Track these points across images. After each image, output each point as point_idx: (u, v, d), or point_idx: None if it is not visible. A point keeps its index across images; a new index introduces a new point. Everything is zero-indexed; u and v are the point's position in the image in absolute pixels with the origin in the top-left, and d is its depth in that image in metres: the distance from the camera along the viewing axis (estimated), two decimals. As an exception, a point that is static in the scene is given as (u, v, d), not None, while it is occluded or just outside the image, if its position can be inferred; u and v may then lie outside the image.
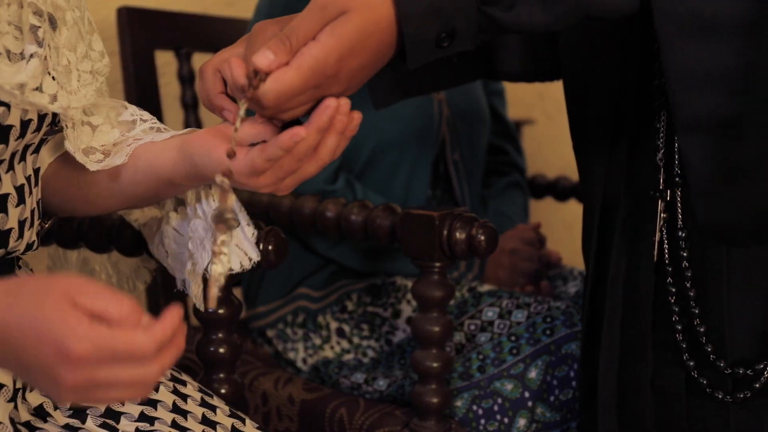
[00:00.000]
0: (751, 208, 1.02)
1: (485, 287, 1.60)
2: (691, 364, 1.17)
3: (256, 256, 1.12)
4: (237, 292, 1.46)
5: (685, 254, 1.17)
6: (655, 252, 1.19)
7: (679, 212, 1.16)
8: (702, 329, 1.16)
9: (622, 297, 1.22)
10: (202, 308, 1.15)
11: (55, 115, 1.01)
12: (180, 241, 1.14)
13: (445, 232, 1.29)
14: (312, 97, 0.94)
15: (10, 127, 0.94)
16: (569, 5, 0.97)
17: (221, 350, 1.25)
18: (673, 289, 1.18)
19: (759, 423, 1.14)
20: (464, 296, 1.59)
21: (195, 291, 1.14)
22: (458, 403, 1.44)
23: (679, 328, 1.17)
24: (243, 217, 1.10)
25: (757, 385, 1.13)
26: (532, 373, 1.44)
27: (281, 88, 0.91)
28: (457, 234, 1.29)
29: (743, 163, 1.00)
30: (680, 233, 1.17)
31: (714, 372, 1.16)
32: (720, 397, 1.16)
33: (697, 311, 1.16)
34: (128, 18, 1.72)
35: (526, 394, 1.43)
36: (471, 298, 1.57)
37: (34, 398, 1.02)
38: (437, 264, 1.31)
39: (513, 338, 1.48)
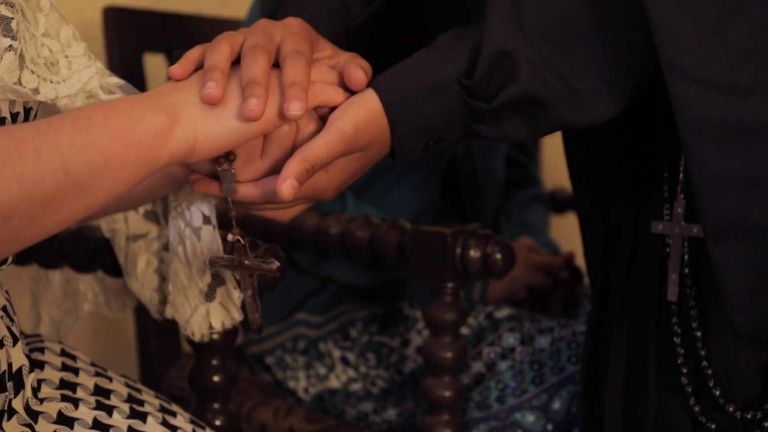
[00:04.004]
0: None
1: (503, 312, 1.61)
2: (697, 409, 1.20)
3: (238, 317, 1.19)
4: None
5: (691, 292, 1.20)
6: (662, 290, 1.23)
7: (686, 248, 1.20)
8: (710, 372, 1.19)
9: (626, 336, 1.25)
10: (194, 337, 1.19)
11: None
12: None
13: (459, 251, 1.32)
14: (301, 206, 1.10)
15: (3, 119, 0.97)
16: (551, 118, 1.08)
17: (216, 378, 1.27)
18: (679, 329, 1.22)
19: None
20: (481, 323, 1.60)
21: (182, 317, 1.18)
22: (474, 436, 1.46)
23: (685, 371, 1.21)
24: (230, 277, 1.17)
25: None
26: (556, 405, 1.46)
27: (271, 198, 1.04)
28: (471, 252, 1.31)
29: None
30: (686, 270, 1.20)
31: (723, 416, 1.19)
32: None
33: (704, 353, 1.20)
34: (115, 18, 1.70)
35: (549, 427, 1.45)
36: (488, 324, 1.59)
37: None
38: (450, 284, 1.34)
39: (536, 366, 1.50)
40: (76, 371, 1.13)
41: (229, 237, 1.07)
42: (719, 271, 1.03)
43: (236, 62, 1.03)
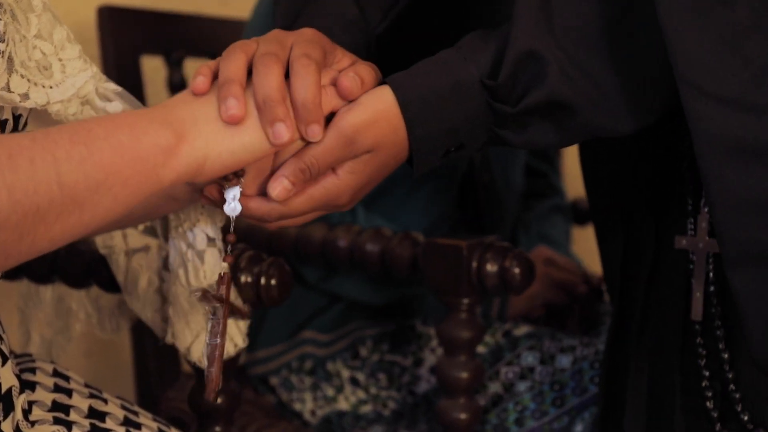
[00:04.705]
0: None
1: (522, 329, 1.61)
2: None
3: (242, 343, 1.19)
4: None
5: (716, 311, 1.19)
6: (686, 308, 1.22)
7: (710, 265, 1.19)
8: (737, 395, 1.18)
9: (647, 357, 1.24)
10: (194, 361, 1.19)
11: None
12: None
13: (475, 264, 1.32)
14: (315, 214, 1.08)
15: None
16: (580, 124, 1.07)
17: (217, 400, 1.26)
18: (704, 351, 1.21)
19: None
20: (498, 342, 1.60)
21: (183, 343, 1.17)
22: (491, 461, 1.46)
23: (710, 394, 1.20)
24: (236, 300, 1.17)
25: None
26: (578, 428, 1.46)
27: (287, 211, 1.04)
28: (489, 266, 1.31)
29: None
30: (711, 287, 1.19)
31: None
32: None
33: (731, 376, 1.19)
34: (110, 19, 1.72)
35: (571, 452, 1.45)
36: (506, 342, 1.59)
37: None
38: (465, 300, 1.33)
39: (557, 387, 1.50)
40: (69, 392, 1.12)
41: (223, 265, 1.05)
42: (739, 300, 1.03)
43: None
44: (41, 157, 0.85)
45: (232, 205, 1.02)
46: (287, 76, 1.01)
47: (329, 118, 1.02)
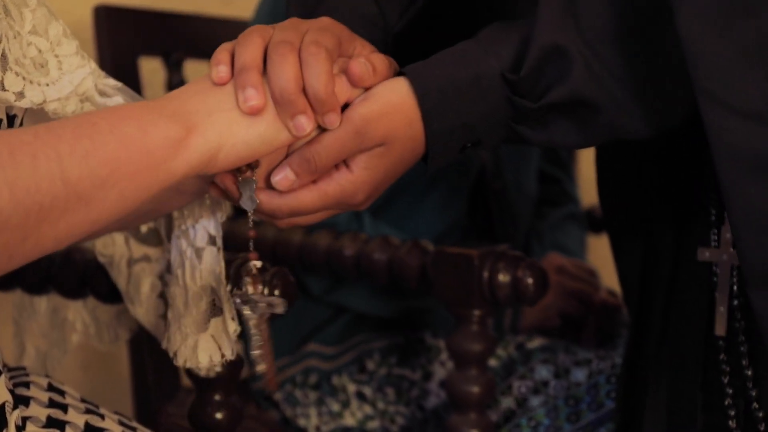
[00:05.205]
0: None
1: (535, 342, 1.61)
2: None
3: (230, 354, 1.17)
4: (237, 347, 1.48)
5: (740, 326, 1.18)
6: (708, 323, 1.21)
7: (734, 278, 1.18)
8: (760, 414, 1.18)
9: (666, 372, 1.24)
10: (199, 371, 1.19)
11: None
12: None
13: (486, 274, 1.31)
14: (329, 212, 1.07)
15: None
16: (603, 124, 1.07)
17: (218, 415, 1.27)
18: (727, 367, 1.20)
19: None
20: (510, 355, 1.60)
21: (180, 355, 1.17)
22: (503, 480, 1.45)
23: (732, 413, 1.19)
24: (228, 308, 1.15)
25: None
26: (594, 444, 1.45)
27: (298, 207, 1.03)
28: (501, 276, 1.31)
29: None
30: (734, 301, 1.19)
31: None
32: None
33: (754, 393, 1.18)
34: (107, 18, 1.72)
35: (586, 469, 1.45)
36: (519, 355, 1.59)
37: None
38: (476, 312, 1.33)
39: (572, 402, 1.50)
40: (64, 408, 1.12)
41: (253, 263, 1.07)
42: (762, 322, 1.02)
43: None
44: (44, 152, 0.85)
45: (250, 198, 1.02)
46: None
47: (345, 108, 1.02)
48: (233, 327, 1.16)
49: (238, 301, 1.07)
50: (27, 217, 0.84)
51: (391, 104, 1.03)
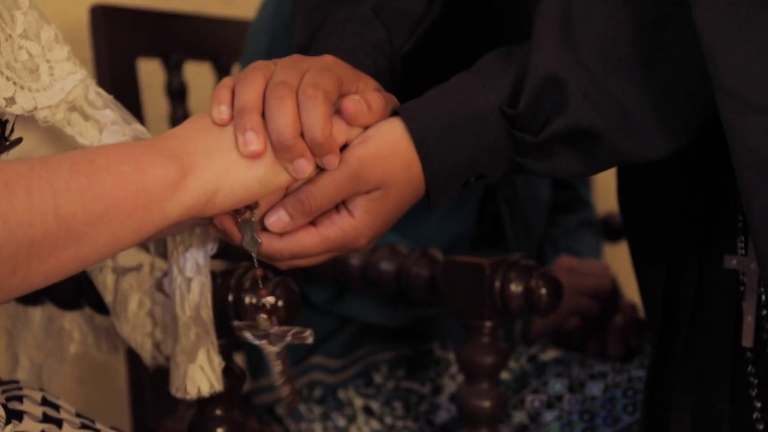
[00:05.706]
0: None
1: (549, 354, 1.60)
2: None
3: (218, 387, 1.18)
4: (239, 359, 1.48)
5: None
6: (735, 333, 1.20)
7: (762, 286, 1.18)
8: None
9: (692, 386, 1.24)
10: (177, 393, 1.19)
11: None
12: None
13: (498, 284, 1.31)
14: (331, 254, 1.09)
15: None
16: (608, 152, 1.07)
17: (219, 430, 1.27)
18: (755, 380, 1.19)
19: None
20: (523, 367, 1.59)
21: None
22: (516, 497, 1.45)
23: (761, 427, 1.19)
24: (213, 341, 1.16)
25: None
26: (610, 461, 1.45)
27: (300, 251, 1.06)
28: (513, 286, 1.31)
29: None
30: (763, 311, 1.18)
31: None
32: None
33: None
34: (104, 19, 1.72)
35: (602, 487, 1.44)
36: (532, 368, 1.58)
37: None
38: (487, 323, 1.33)
39: (587, 417, 1.49)
40: (59, 423, 1.12)
41: (266, 299, 1.10)
42: None
43: None
44: (39, 186, 0.86)
45: (251, 238, 1.03)
46: None
47: (344, 147, 1.04)
48: (218, 360, 1.17)
49: (250, 336, 1.09)
50: (18, 251, 0.85)
51: (388, 146, 1.05)
